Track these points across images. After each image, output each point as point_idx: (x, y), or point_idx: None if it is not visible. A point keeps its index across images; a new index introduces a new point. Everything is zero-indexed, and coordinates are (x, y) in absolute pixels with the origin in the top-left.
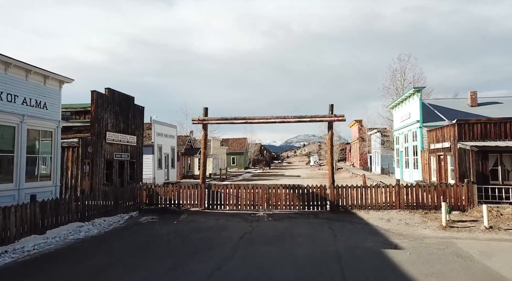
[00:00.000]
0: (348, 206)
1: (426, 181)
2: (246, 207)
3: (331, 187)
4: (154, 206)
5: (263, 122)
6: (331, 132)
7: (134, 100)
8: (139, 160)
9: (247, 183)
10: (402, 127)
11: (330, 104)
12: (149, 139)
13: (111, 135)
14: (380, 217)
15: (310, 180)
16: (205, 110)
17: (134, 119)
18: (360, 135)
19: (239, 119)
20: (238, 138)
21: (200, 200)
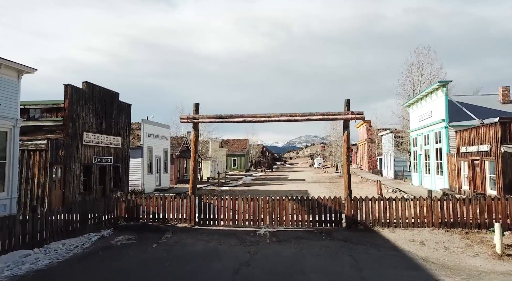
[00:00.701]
0: (368, 223)
1: (454, 189)
2: (244, 223)
3: (347, 199)
4: (134, 221)
5: (265, 120)
6: (347, 133)
7: (118, 97)
8: (125, 164)
9: (247, 189)
10: (421, 127)
11: (346, 99)
12: (137, 140)
13: (89, 136)
14: (411, 239)
15: (316, 185)
16: (196, 107)
17: (118, 118)
18: (369, 136)
19: (236, 117)
20: (239, 139)
21: (190, 214)
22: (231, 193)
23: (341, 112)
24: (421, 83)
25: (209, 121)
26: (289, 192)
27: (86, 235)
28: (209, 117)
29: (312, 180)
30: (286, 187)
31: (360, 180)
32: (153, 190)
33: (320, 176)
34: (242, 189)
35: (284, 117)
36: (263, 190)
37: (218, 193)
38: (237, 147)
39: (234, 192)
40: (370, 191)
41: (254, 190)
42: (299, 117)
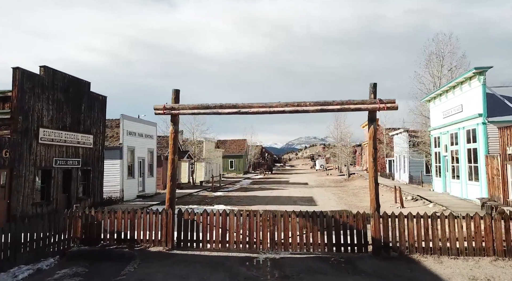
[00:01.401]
0: (403, 248)
1: (497, 199)
2: (238, 246)
3: (375, 215)
4: (92, 244)
5: (264, 111)
6: (373, 128)
7: (89, 87)
8: (99, 168)
9: (244, 195)
10: (446, 125)
11: (372, 84)
12: (116, 139)
13: (48, 133)
14: (471, 276)
15: (321, 190)
16: (176, 94)
17: (89, 112)
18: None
19: (227, 107)
20: (236, 140)
21: (166, 234)
22: (225, 200)
23: (365, 100)
24: (441, 75)
25: (192, 112)
26: (291, 198)
27: (13, 270)
28: (192, 107)
29: (316, 184)
30: (287, 193)
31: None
32: (135, 197)
33: (323, 179)
34: (238, 195)
35: (290, 107)
36: (262, 196)
37: (210, 200)
38: (234, 148)
39: (229, 198)
40: (385, 198)
41: (252, 197)
42: (310, 107)
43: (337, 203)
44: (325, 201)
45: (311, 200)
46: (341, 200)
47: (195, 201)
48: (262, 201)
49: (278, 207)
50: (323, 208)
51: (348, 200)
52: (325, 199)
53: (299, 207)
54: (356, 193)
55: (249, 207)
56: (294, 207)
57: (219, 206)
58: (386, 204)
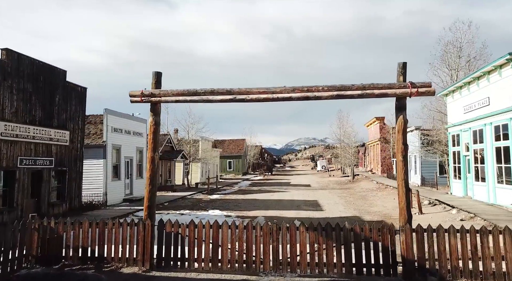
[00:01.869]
0: (444, 271)
1: None
2: (232, 266)
3: (406, 229)
4: (51, 264)
5: (267, 99)
6: (403, 119)
7: (65, 76)
8: (76, 168)
9: (243, 198)
10: (469, 121)
11: (401, 63)
12: (99, 136)
13: (12, 127)
14: None
15: (326, 193)
16: (157, 77)
17: (65, 105)
18: (382, 136)
19: (220, 93)
20: (235, 140)
21: (144, 251)
22: (221, 204)
23: (393, 84)
24: (458, 68)
25: (176, 99)
26: (294, 202)
27: None
28: (177, 94)
29: (319, 186)
30: (289, 196)
31: (377, 187)
32: (121, 201)
33: (326, 180)
34: (236, 199)
35: (298, 92)
36: (262, 200)
37: (205, 205)
38: (233, 148)
39: (226, 202)
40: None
41: (251, 200)
42: (323, 92)
43: (345, 208)
44: (331, 206)
45: (316, 204)
46: (349, 204)
47: (187, 206)
48: (262, 206)
49: (280, 213)
50: (330, 214)
51: (357, 205)
52: (332, 203)
53: (303, 213)
54: (364, 196)
55: (248, 212)
56: (298, 212)
57: (214, 212)
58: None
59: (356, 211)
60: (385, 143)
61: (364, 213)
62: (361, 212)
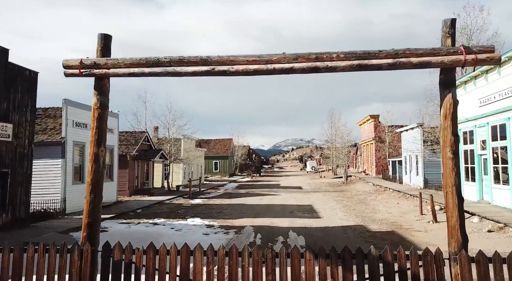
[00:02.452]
0: None
1: None
2: None
3: (461, 258)
4: None
5: (258, 71)
6: (452, 97)
7: (7, 56)
8: (22, 169)
9: (229, 203)
10: (486, 115)
11: (448, 20)
12: (58, 132)
13: None
14: None
15: (320, 196)
16: (104, 42)
17: (6, 93)
18: (377, 134)
19: (191, 63)
20: (222, 139)
21: None
22: (203, 211)
23: (437, 48)
24: None
25: (130, 72)
26: (287, 208)
27: None
28: (131, 64)
29: (311, 188)
30: (281, 199)
31: (374, 189)
32: None
33: (318, 182)
34: (220, 204)
35: (303, 62)
36: (251, 205)
37: (185, 211)
38: (219, 148)
39: (208, 208)
40: (404, 208)
41: (237, 205)
42: (339, 61)
43: (345, 214)
44: (329, 212)
45: (312, 210)
46: (348, 210)
47: (164, 213)
48: (250, 212)
49: (271, 221)
50: (330, 222)
51: (358, 211)
52: (329, 209)
53: (298, 221)
54: (363, 200)
55: (233, 221)
56: (292, 220)
57: (194, 220)
58: (409, 216)
59: (359, 219)
60: (380, 142)
61: (369, 221)
62: (364, 219)
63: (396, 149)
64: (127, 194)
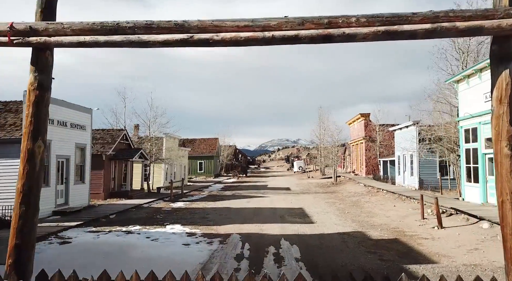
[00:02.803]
0: None
1: None
2: None
3: None
4: None
5: (252, 39)
6: (511, 75)
7: None
8: None
9: (213, 206)
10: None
11: None
12: (18, 128)
13: None
14: None
15: (310, 198)
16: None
17: None
18: (368, 134)
19: (163, 29)
20: (207, 139)
21: None
22: (185, 216)
23: (491, 10)
24: (469, 50)
25: (80, 42)
26: (276, 211)
27: None
28: (80, 31)
29: (300, 190)
30: (269, 202)
31: (366, 190)
32: (49, 214)
33: (306, 183)
34: (204, 207)
35: (313, 28)
36: (237, 209)
37: (164, 216)
38: (204, 148)
39: (191, 212)
40: (402, 211)
41: (223, 209)
42: (361, 27)
43: (340, 219)
44: (322, 216)
45: (303, 214)
46: (343, 213)
47: (141, 218)
48: (237, 217)
49: (260, 228)
50: (325, 229)
51: (353, 214)
52: (321, 212)
53: (290, 228)
54: (356, 202)
55: (218, 228)
56: (283, 226)
57: (173, 227)
58: (409, 220)
59: (356, 224)
60: (370, 141)
61: (367, 226)
62: (362, 225)
63: (387, 148)
64: (102, 197)
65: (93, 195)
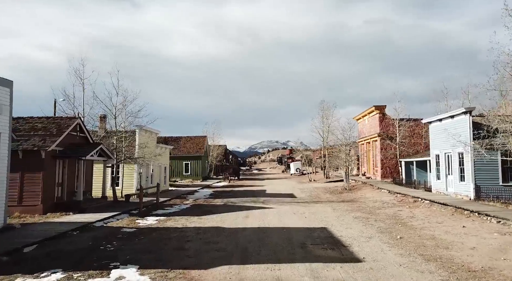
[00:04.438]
0: None
1: None
2: None
3: None
4: None
5: None
6: None
7: None
8: None
9: (198, 226)
10: None
11: None
12: None
13: None
14: None
15: (328, 210)
16: None
17: None
18: (383, 130)
19: None
20: (194, 137)
21: None
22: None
23: None
24: None
25: None
26: (291, 235)
27: None
28: None
29: (308, 196)
30: (276, 217)
31: (396, 199)
32: None
33: (310, 187)
34: (184, 228)
35: None
36: (232, 231)
37: (118, 247)
38: (191, 147)
39: (163, 238)
40: (488, 240)
41: (211, 231)
42: None
43: (399, 252)
44: (366, 245)
45: (334, 240)
46: (394, 240)
47: (74, 254)
48: (234, 249)
49: (277, 276)
50: (391, 279)
51: (412, 242)
52: (361, 238)
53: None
54: (396, 218)
55: (202, 277)
56: (314, 271)
57: (123, 276)
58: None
59: (435, 266)
60: (387, 139)
61: (459, 273)
62: (445, 268)
63: (410, 146)
64: (39, 211)
65: (24, 209)
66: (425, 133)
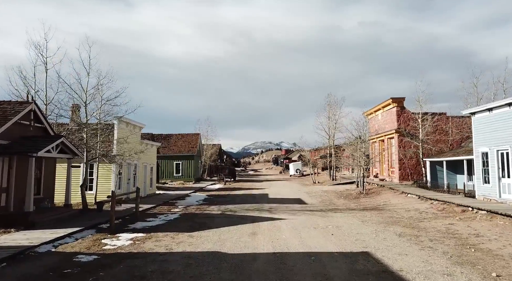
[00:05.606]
0: None
1: None
2: None
3: None
4: None
5: None
6: None
7: None
8: None
9: (188, 245)
10: None
11: None
12: None
13: None
14: None
15: (357, 223)
16: None
17: None
18: (402, 125)
19: None
20: (186, 134)
21: None
22: None
23: None
24: None
25: None
26: (327, 270)
27: None
28: None
29: (320, 203)
30: (295, 236)
31: (436, 207)
32: None
33: (318, 190)
34: (168, 253)
35: None
36: (239, 260)
37: None
38: (182, 146)
39: (137, 278)
40: None
41: (209, 259)
42: None
43: None
44: None
45: (393, 278)
46: (483, 276)
47: None
48: None
49: None
50: None
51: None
52: (434, 275)
53: None
54: (453, 234)
55: None
56: None
57: None
58: None
59: None
60: (407, 136)
61: None
62: None
63: (433, 144)
64: None
65: None
66: (455, 128)
